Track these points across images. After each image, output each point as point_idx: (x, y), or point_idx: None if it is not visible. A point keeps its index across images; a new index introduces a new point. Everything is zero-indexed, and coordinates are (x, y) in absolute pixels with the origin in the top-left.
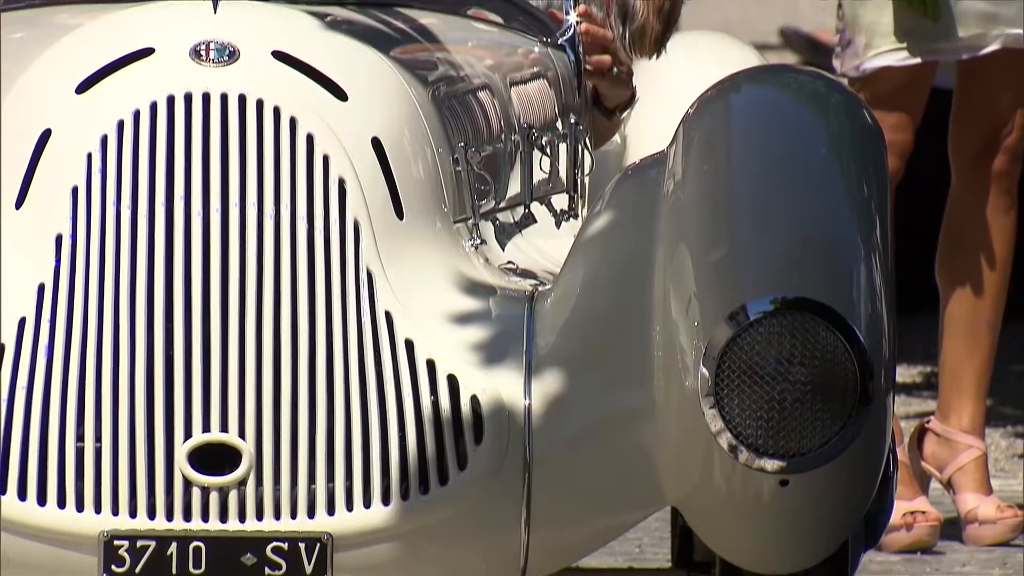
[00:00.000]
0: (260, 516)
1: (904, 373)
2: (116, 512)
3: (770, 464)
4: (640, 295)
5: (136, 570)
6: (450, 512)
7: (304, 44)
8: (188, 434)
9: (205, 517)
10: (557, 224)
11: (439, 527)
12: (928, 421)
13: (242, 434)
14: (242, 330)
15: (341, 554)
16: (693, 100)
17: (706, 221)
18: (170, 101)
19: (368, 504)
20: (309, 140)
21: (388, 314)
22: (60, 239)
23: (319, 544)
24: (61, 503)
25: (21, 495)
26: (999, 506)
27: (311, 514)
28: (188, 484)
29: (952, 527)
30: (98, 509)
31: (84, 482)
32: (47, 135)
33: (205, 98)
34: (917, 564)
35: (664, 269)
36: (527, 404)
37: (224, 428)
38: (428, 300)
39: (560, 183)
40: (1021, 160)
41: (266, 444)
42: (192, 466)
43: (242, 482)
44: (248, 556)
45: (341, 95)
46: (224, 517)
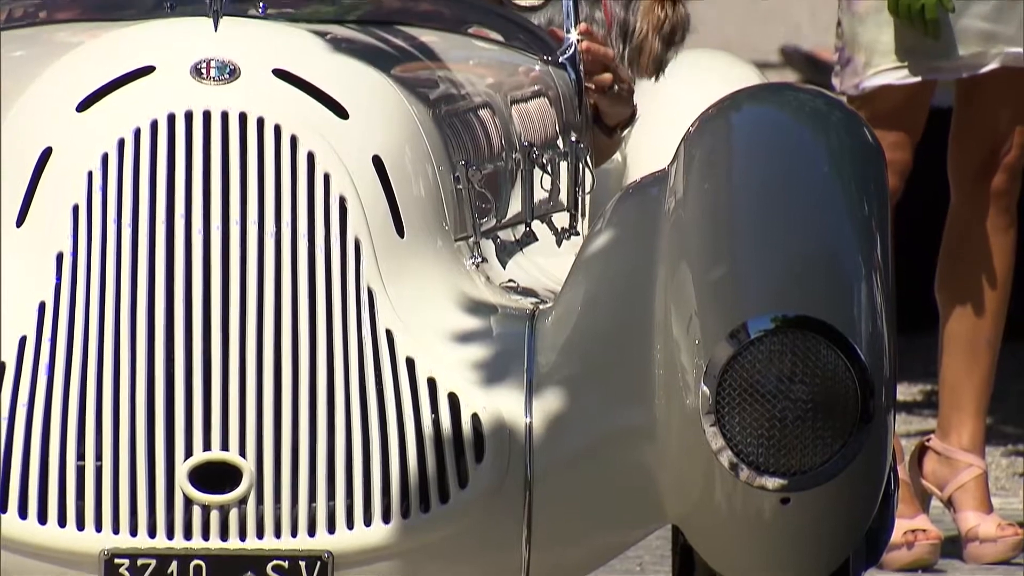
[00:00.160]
0: (261, 534)
1: (904, 391)
2: (117, 531)
3: (771, 482)
4: (641, 313)
5: None
6: (451, 530)
7: (305, 62)
8: (189, 452)
9: (206, 535)
10: (558, 242)
11: (440, 545)
12: (928, 439)
13: (243, 452)
14: (243, 348)
15: (341, 572)
16: (694, 118)
17: (707, 239)
18: (171, 119)
19: (369, 522)
20: (310, 158)
21: (389, 332)
22: (61, 257)
23: (319, 562)
24: (62, 522)
25: (22, 514)
26: (1000, 524)
27: (312, 532)
28: (189, 502)
29: (953, 545)
30: (99, 528)
31: (85, 501)
32: (48, 153)
33: (206, 116)
34: None
35: (665, 287)
36: (528, 422)
37: (225, 446)
38: (429, 318)
39: (561, 201)
40: (1020, 178)
41: (267, 462)
42: (193, 484)
43: (243, 500)
44: (249, 574)
45: (342, 113)
46: (225, 535)
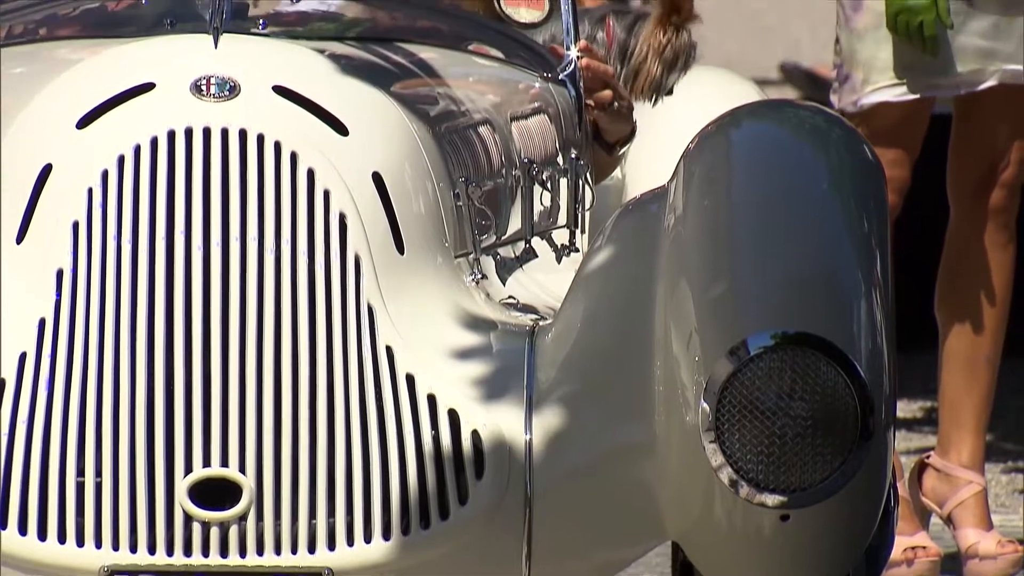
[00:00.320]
0: (261, 551)
1: (904, 408)
2: (116, 547)
3: (771, 499)
4: (641, 330)
5: None
6: (451, 547)
7: (305, 79)
8: (188, 469)
9: (206, 552)
10: (558, 259)
11: (440, 562)
12: (928, 456)
13: (243, 469)
14: (243, 364)
15: None
16: (694, 135)
17: (707, 256)
18: (171, 136)
19: (369, 539)
20: (310, 175)
21: (389, 348)
22: (61, 274)
23: None
24: (62, 538)
25: (22, 530)
26: (1000, 541)
27: (312, 549)
28: (188, 519)
29: (953, 562)
30: (99, 544)
31: (85, 517)
32: (48, 170)
33: (206, 133)
34: None
35: (665, 303)
36: (528, 439)
37: (225, 463)
38: (429, 335)
39: (561, 218)
40: (1019, 195)
41: (267, 479)
42: (193, 501)
43: (243, 517)
44: None
45: (342, 130)
46: (225, 552)
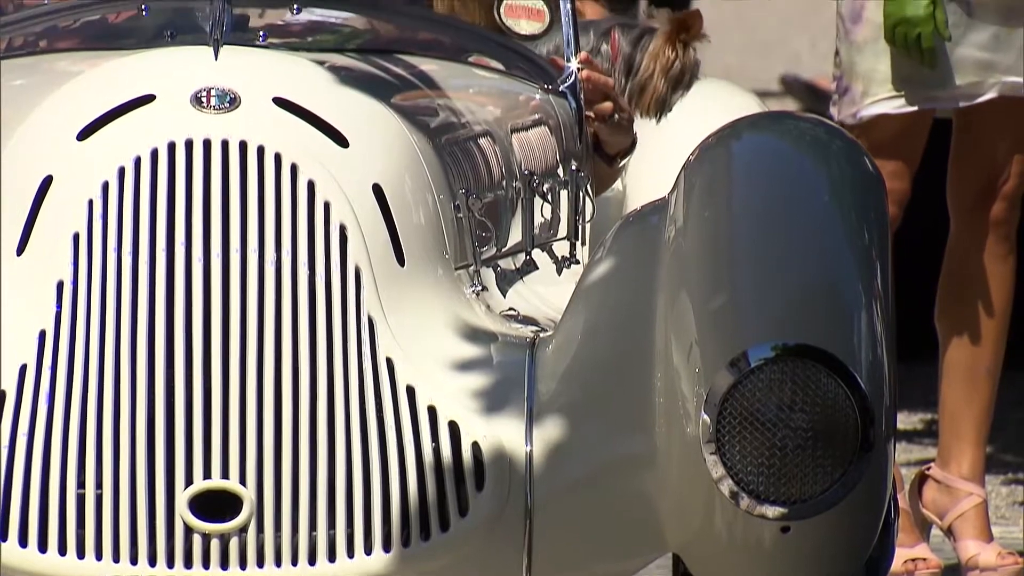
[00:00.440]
0: (261, 563)
1: (904, 420)
2: (117, 559)
3: (771, 511)
4: (641, 341)
5: None
6: (451, 559)
7: (305, 91)
8: (189, 481)
9: (206, 564)
10: (558, 271)
11: (440, 573)
12: (928, 468)
13: (243, 481)
14: (243, 376)
15: None
16: (694, 147)
17: (707, 267)
18: (171, 148)
19: (369, 551)
20: (310, 187)
21: (389, 360)
22: (61, 286)
23: None
24: (62, 550)
25: (22, 542)
26: (1000, 553)
27: (312, 561)
28: (189, 531)
29: (953, 574)
30: (99, 556)
31: (85, 529)
32: (48, 182)
33: (206, 145)
34: None
35: (665, 315)
36: (528, 451)
37: (225, 475)
38: (429, 347)
39: (561, 230)
40: (1019, 207)
41: (267, 491)
42: (193, 513)
43: (243, 529)
44: None
45: (342, 142)
46: (225, 564)
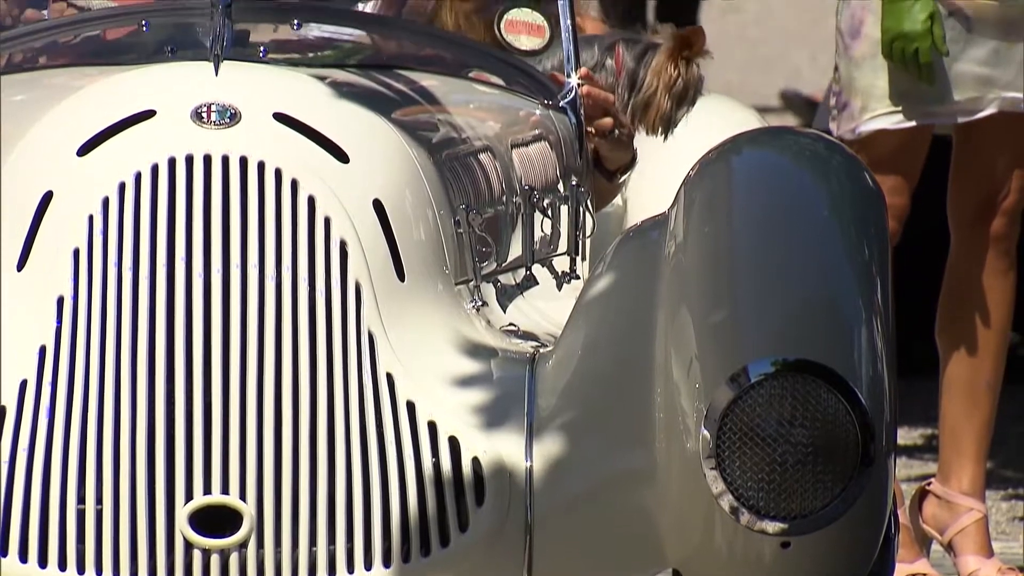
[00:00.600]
0: None
1: (905, 435)
2: (117, 574)
3: (771, 526)
4: (641, 357)
5: None
6: (451, 574)
7: (306, 106)
8: (189, 496)
9: None
10: (558, 286)
11: None
12: (929, 483)
13: (243, 496)
14: (243, 391)
15: None
16: (694, 162)
17: (707, 283)
18: (171, 163)
19: (369, 566)
20: (310, 202)
21: (389, 376)
22: (62, 301)
23: None
24: (62, 565)
25: (22, 557)
26: (1000, 568)
27: None
28: (189, 546)
29: None
30: (99, 571)
31: (85, 544)
32: (48, 197)
33: (206, 160)
34: None
35: (665, 331)
36: (528, 466)
37: (225, 490)
38: (429, 362)
39: (561, 245)
40: (1019, 222)
41: (267, 506)
42: (193, 528)
43: (243, 544)
44: None
45: (342, 157)
46: None
